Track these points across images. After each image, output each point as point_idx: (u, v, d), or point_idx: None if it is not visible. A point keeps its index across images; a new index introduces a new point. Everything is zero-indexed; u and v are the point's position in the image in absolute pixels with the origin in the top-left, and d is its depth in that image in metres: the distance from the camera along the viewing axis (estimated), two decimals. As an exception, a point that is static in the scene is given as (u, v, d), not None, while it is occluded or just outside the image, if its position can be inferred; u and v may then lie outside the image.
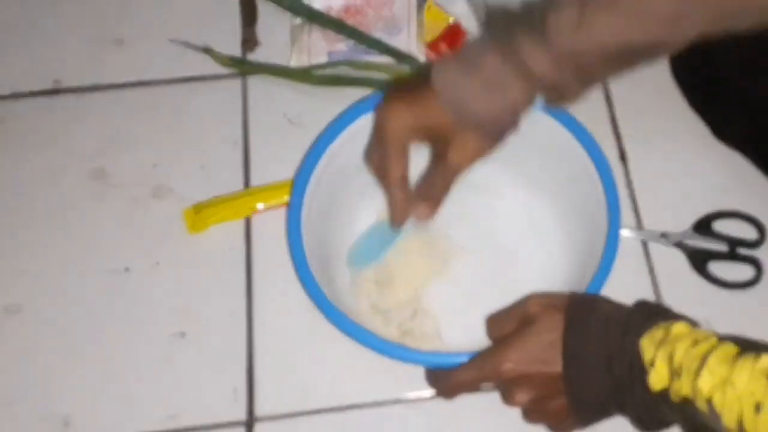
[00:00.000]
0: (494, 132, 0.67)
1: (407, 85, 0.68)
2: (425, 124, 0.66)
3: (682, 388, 0.54)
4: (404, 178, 0.68)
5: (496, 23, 0.64)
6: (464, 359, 0.65)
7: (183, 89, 0.85)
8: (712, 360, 0.53)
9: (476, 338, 0.67)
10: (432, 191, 0.69)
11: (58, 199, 0.81)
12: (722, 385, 0.52)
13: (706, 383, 0.53)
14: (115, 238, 0.79)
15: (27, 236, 0.79)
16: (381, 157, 0.68)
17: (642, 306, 0.62)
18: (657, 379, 0.56)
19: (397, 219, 0.69)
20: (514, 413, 0.65)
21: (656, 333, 0.58)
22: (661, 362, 0.56)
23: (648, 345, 0.57)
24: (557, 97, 0.65)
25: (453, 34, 0.86)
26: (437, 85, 0.65)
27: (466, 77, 0.64)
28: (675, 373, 0.55)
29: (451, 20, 0.86)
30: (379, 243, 0.74)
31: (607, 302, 0.64)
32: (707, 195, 0.79)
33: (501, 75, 0.62)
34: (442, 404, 0.69)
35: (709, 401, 0.53)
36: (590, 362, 0.60)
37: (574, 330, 0.61)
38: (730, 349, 0.54)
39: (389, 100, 0.67)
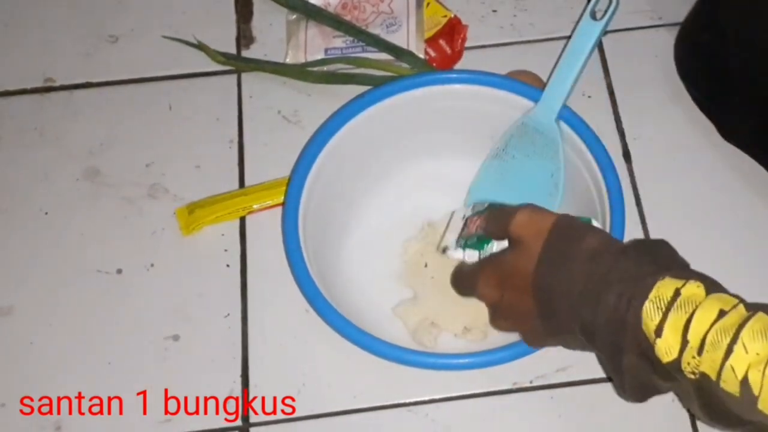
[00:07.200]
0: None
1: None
2: None
3: (702, 364, 0.49)
4: None
5: None
6: (465, 360, 0.65)
7: (177, 86, 0.85)
8: (746, 334, 0.47)
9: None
10: None
11: (50, 198, 0.80)
12: (760, 363, 0.46)
13: (741, 362, 0.47)
14: (109, 239, 0.78)
15: (18, 237, 0.79)
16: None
17: (640, 249, 0.55)
18: (665, 350, 0.50)
19: None
20: (515, 420, 0.64)
21: (662, 291, 0.51)
22: (672, 332, 0.50)
23: (653, 310, 0.51)
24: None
25: (452, 29, 0.85)
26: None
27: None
28: (692, 346, 0.49)
29: (451, 15, 0.85)
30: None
31: (598, 234, 0.58)
32: (714, 196, 0.77)
33: None
34: (442, 409, 0.70)
35: (743, 382, 0.47)
36: (560, 303, 0.56)
37: (548, 261, 0.57)
38: (765, 319, 0.47)
39: None
